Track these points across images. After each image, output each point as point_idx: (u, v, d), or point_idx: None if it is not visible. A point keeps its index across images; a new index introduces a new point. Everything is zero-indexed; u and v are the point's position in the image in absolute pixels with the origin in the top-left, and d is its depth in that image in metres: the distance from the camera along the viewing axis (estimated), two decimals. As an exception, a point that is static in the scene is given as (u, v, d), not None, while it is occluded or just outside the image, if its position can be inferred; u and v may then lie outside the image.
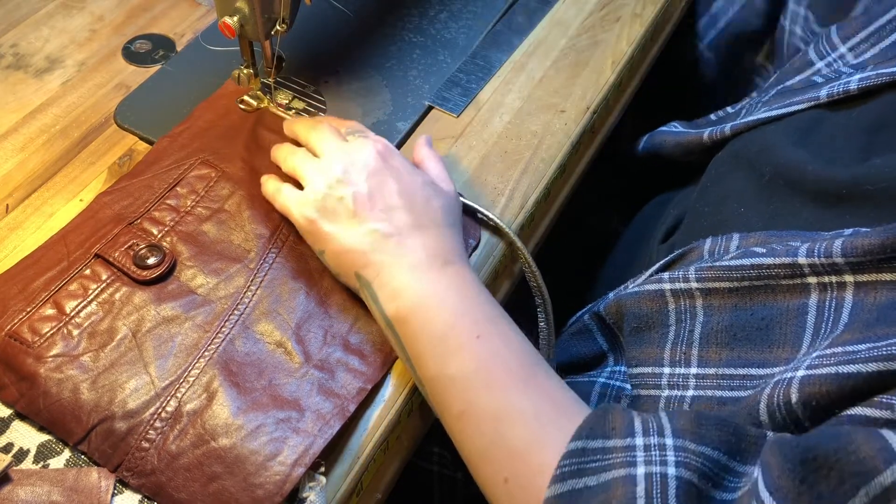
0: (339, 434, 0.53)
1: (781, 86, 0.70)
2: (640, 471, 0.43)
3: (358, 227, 0.56)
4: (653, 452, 0.44)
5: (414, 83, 0.75)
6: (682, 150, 0.77)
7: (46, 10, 0.78)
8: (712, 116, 0.81)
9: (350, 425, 0.54)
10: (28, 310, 0.56)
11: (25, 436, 0.52)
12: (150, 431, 0.52)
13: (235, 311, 0.58)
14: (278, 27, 0.65)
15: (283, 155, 0.64)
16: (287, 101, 0.71)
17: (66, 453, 0.52)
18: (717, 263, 0.55)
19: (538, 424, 0.49)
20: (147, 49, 0.76)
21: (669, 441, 0.45)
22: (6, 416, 0.53)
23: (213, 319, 0.57)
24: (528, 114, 0.73)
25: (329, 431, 0.52)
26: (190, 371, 0.54)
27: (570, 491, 0.44)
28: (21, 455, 0.51)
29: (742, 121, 0.68)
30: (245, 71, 0.69)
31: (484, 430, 0.50)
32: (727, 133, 0.70)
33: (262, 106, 0.70)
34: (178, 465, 0.50)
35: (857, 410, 0.42)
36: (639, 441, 0.45)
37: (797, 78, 0.69)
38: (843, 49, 0.65)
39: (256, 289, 0.59)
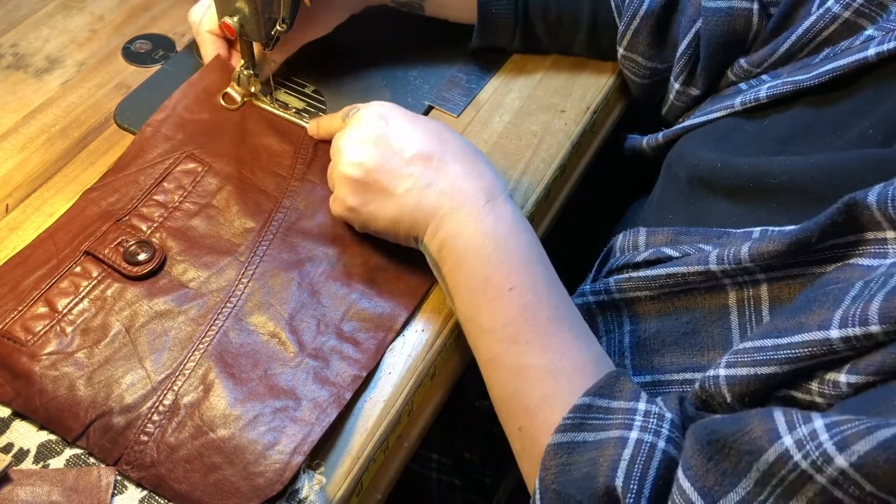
0: (339, 435, 0.53)
1: (713, 97, 0.72)
2: (633, 435, 0.46)
3: (391, 197, 0.57)
4: (651, 420, 0.47)
5: (414, 83, 0.75)
6: (632, 152, 0.79)
7: (46, 10, 0.78)
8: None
9: (350, 425, 0.54)
10: (20, 308, 0.56)
11: (25, 436, 0.52)
12: (149, 425, 0.52)
13: (228, 304, 0.58)
14: (278, 27, 0.65)
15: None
16: (272, 92, 0.71)
17: (67, 453, 0.52)
18: (634, 274, 0.57)
19: (553, 383, 0.51)
20: (147, 49, 0.76)
21: (669, 415, 0.47)
22: (6, 416, 0.53)
23: (206, 312, 0.57)
24: (528, 114, 0.73)
25: (326, 419, 0.52)
26: (185, 364, 0.54)
27: (570, 442, 0.47)
28: (21, 455, 0.51)
29: (672, 129, 0.70)
30: (245, 72, 0.69)
31: (506, 381, 0.53)
32: (660, 140, 0.72)
33: (246, 99, 0.70)
34: (178, 456, 0.51)
35: (784, 392, 0.45)
36: (640, 406, 0.48)
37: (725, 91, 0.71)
38: (758, 72, 0.67)
39: (248, 281, 0.59)
